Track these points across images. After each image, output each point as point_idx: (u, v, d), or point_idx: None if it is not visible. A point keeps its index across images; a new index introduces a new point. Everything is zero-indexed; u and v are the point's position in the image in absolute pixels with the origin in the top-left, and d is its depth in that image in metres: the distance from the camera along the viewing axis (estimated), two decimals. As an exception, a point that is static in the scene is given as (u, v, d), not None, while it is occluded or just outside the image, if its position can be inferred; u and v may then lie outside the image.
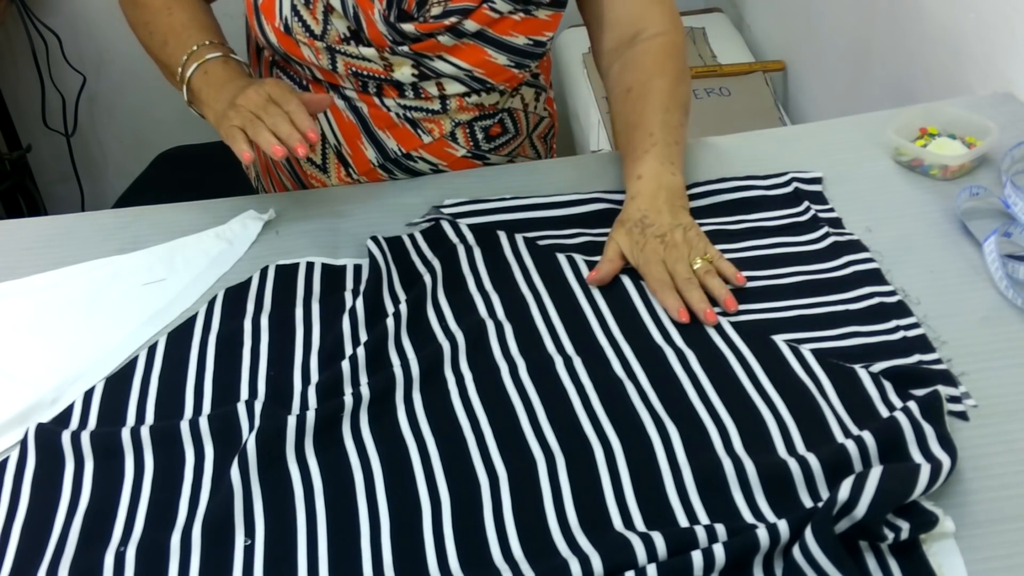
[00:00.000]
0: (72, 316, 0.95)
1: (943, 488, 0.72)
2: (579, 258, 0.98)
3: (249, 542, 0.72)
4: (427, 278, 0.95)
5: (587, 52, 2.00)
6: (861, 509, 0.66)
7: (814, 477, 0.73)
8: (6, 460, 0.80)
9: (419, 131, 1.12)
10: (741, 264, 0.95)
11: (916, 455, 0.74)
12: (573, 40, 2.07)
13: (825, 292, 0.92)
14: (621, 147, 1.09)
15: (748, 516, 0.71)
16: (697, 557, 0.66)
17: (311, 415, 0.80)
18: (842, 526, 0.67)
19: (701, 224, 0.99)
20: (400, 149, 1.13)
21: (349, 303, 0.95)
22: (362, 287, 0.96)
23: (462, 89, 1.10)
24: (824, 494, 0.72)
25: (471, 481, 0.76)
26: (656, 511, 0.72)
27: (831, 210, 1.02)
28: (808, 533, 0.65)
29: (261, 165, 1.26)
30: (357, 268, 1.00)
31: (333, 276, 0.99)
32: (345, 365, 0.86)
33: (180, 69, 1.04)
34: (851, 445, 0.74)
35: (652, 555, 0.67)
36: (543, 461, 0.77)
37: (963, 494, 0.72)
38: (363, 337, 0.90)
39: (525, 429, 0.80)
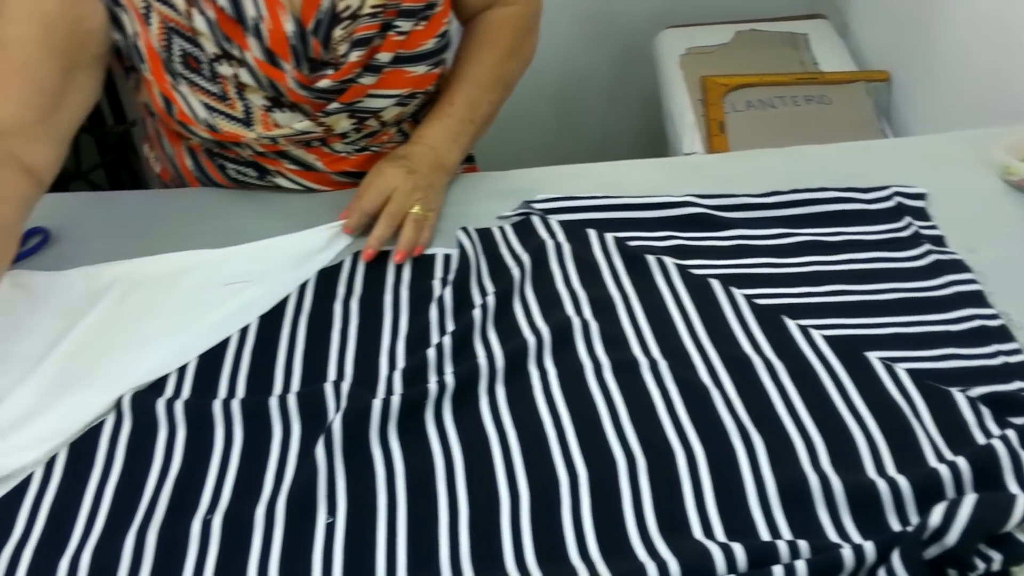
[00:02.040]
0: (154, 309, 0.96)
1: (1039, 521, 0.69)
2: (669, 261, 0.97)
3: (331, 520, 0.74)
4: (515, 272, 0.96)
5: (684, 53, 1.98)
6: (953, 536, 0.64)
7: (903, 500, 0.71)
8: (102, 424, 0.83)
9: (372, 150, 1.13)
10: (837, 277, 0.93)
11: (1012, 485, 0.71)
12: (671, 40, 2.05)
13: (924, 311, 0.89)
14: (431, 106, 1.14)
15: (833, 535, 0.70)
16: (779, 572, 0.65)
17: (396, 400, 0.81)
18: (931, 552, 0.65)
19: (797, 233, 0.98)
20: (362, 172, 1.11)
21: (437, 292, 0.95)
22: (451, 277, 0.97)
23: (398, 110, 1.10)
24: (913, 518, 0.70)
25: (551, 477, 0.76)
26: (737, 522, 0.71)
27: (934, 227, 1.00)
28: (896, 557, 0.64)
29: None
30: (446, 258, 1.01)
31: (423, 264, 1.00)
32: (431, 353, 0.86)
33: None
34: (944, 470, 0.72)
35: (732, 566, 0.66)
36: (624, 462, 0.76)
37: (1060, 528, 0.70)
38: (449, 327, 0.91)
39: (607, 429, 0.79)
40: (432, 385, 0.82)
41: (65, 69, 0.94)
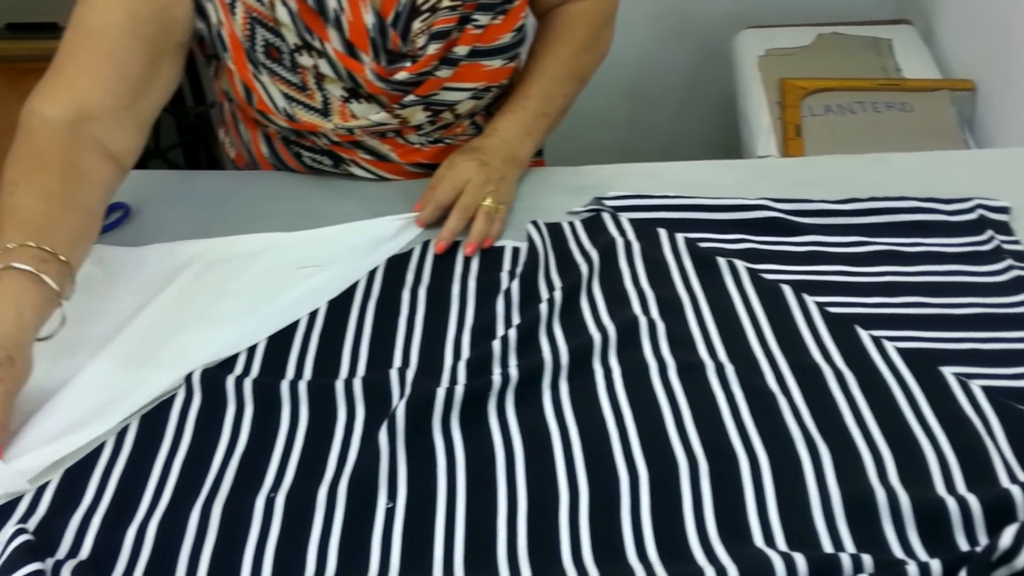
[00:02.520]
0: (227, 289, 0.98)
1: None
2: (740, 264, 0.96)
3: (391, 505, 0.74)
4: (583, 268, 0.95)
5: (763, 55, 1.96)
6: (1023, 559, 0.62)
7: (973, 519, 0.69)
8: (172, 398, 0.85)
9: (446, 142, 1.14)
10: (913, 289, 0.91)
11: (1088, 510, 0.69)
12: (750, 41, 2.03)
13: (1002, 327, 0.87)
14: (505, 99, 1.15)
15: (898, 550, 0.68)
16: (840, 585, 0.64)
17: (459, 390, 0.81)
18: (1000, 574, 0.63)
19: (874, 242, 0.96)
20: (436, 164, 1.11)
21: (504, 284, 0.96)
22: (519, 270, 0.97)
23: (473, 103, 1.10)
24: (982, 538, 0.68)
25: (611, 476, 0.76)
26: (800, 532, 0.70)
27: (1016, 242, 0.97)
28: (963, 577, 0.62)
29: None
30: (515, 251, 1.01)
31: (491, 256, 1.01)
32: (496, 345, 0.87)
33: None
34: (1017, 491, 0.69)
35: (792, 576, 0.65)
36: (685, 465, 0.75)
37: None
38: (515, 319, 0.91)
39: (670, 430, 0.79)
40: (496, 377, 0.82)
41: (150, 56, 0.97)
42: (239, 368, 0.88)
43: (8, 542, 0.70)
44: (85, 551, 0.73)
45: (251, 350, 0.89)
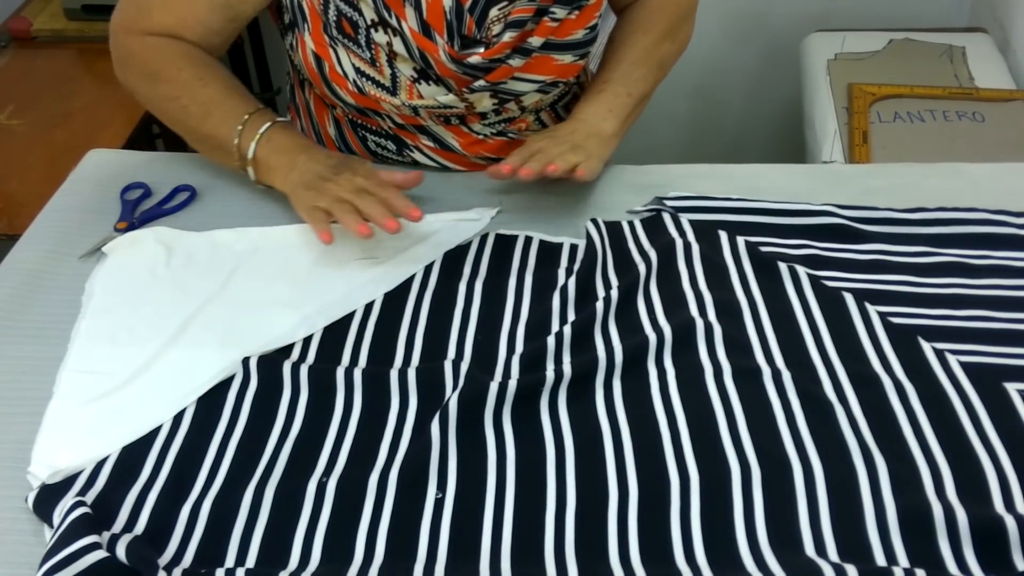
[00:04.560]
0: (285, 277, 0.99)
1: None
2: (801, 270, 0.94)
3: (440, 495, 0.75)
4: (641, 267, 0.95)
5: (833, 59, 1.92)
6: (1084, 584, 0.61)
7: (1033, 540, 0.68)
8: (230, 381, 0.86)
9: (509, 135, 1.14)
10: (979, 303, 0.89)
11: None
12: (820, 44, 1.99)
13: (1071, 346, 0.84)
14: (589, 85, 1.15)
15: (953, 568, 0.67)
16: (893, 600, 0.63)
17: (512, 384, 0.81)
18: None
19: (940, 253, 0.94)
20: (499, 158, 1.12)
21: (561, 281, 0.95)
22: (576, 267, 0.97)
23: (539, 97, 1.10)
24: (1042, 560, 0.67)
25: (662, 478, 0.75)
26: (852, 544, 0.69)
27: (1089, 259, 0.94)
28: (1020, 598, 0.61)
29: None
30: (573, 248, 1.01)
31: (549, 252, 1.00)
32: (550, 341, 0.86)
33: (237, 140, 1.02)
34: (1080, 514, 0.68)
35: (843, 588, 0.64)
36: (738, 470, 0.75)
37: None
38: (571, 316, 0.91)
39: (723, 435, 0.78)
40: (549, 373, 0.82)
41: (231, 16, 1.07)
42: (295, 354, 0.89)
43: (66, 514, 0.72)
44: (140, 526, 0.74)
45: (308, 337, 0.90)
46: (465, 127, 1.12)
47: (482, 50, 1.02)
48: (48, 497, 0.76)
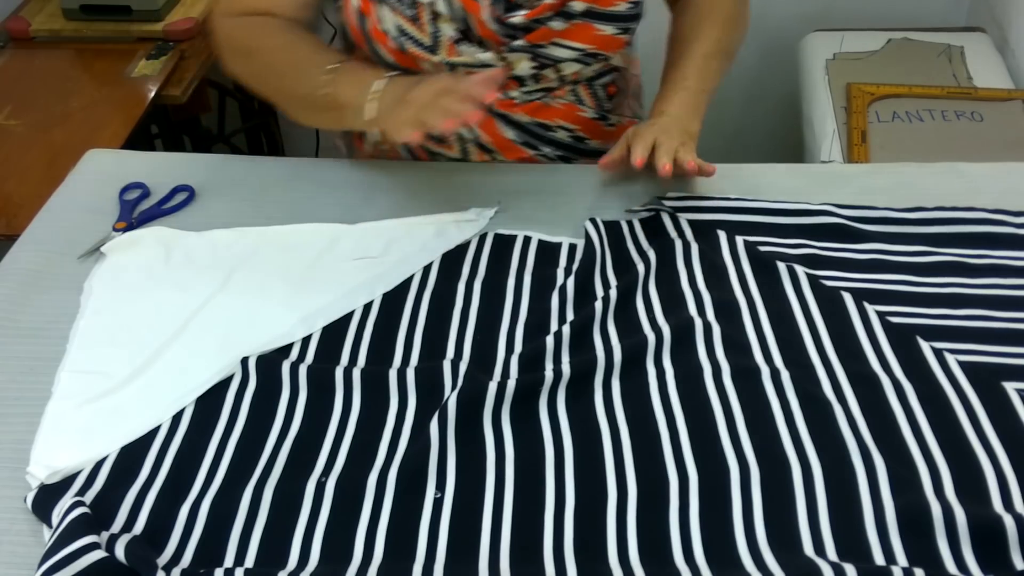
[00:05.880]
0: (284, 277, 0.99)
1: None
2: (800, 270, 0.94)
3: (439, 495, 0.75)
4: (640, 267, 0.95)
5: (831, 58, 1.93)
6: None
7: (1032, 539, 0.68)
8: (228, 381, 0.86)
9: (545, 100, 1.13)
10: (978, 302, 0.89)
11: None
12: (819, 44, 1.99)
13: (1070, 345, 0.85)
14: (661, 82, 1.15)
15: (952, 567, 0.67)
16: (892, 599, 0.63)
17: (511, 384, 0.81)
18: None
19: (939, 252, 0.94)
20: (536, 121, 1.12)
21: (560, 280, 0.95)
22: (575, 266, 0.97)
23: (578, 67, 1.10)
24: (1041, 559, 0.67)
25: (660, 477, 0.75)
26: (851, 543, 0.69)
27: (1088, 258, 0.94)
28: (1019, 597, 0.61)
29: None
30: (572, 247, 1.01)
31: (548, 252, 1.00)
32: (549, 340, 0.87)
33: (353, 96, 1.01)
34: (1079, 513, 0.68)
35: (842, 587, 0.64)
36: (736, 470, 0.75)
37: None
38: (569, 316, 0.91)
39: (722, 434, 0.78)
40: (548, 373, 0.82)
41: None
42: (294, 354, 0.89)
43: (65, 514, 0.72)
44: (139, 526, 0.74)
45: (306, 337, 0.90)
46: (502, 92, 1.11)
47: (525, 11, 1.03)
48: (47, 497, 0.76)
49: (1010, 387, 0.81)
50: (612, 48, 1.10)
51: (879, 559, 0.68)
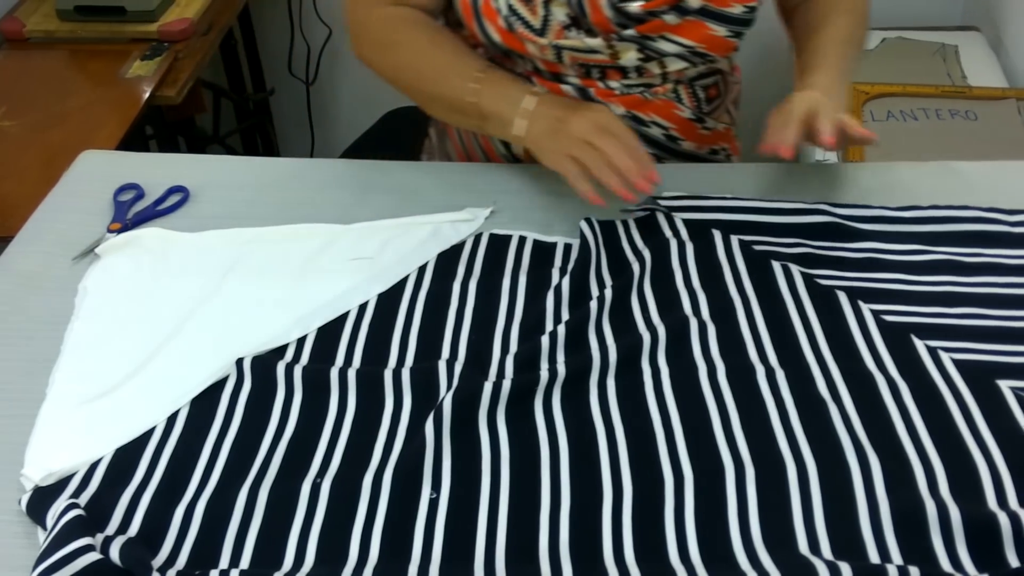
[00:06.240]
0: (279, 277, 0.99)
1: None
2: (795, 269, 0.95)
3: (435, 496, 0.75)
4: (635, 267, 0.95)
5: (826, 58, 1.92)
6: (1077, 580, 0.61)
7: (1025, 537, 0.68)
8: (223, 382, 0.86)
9: (644, 95, 1.13)
10: (972, 300, 0.89)
11: None
12: (812, 44, 2.00)
13: (1064, 343, 0.85)
14: (796, 70, 1.13)
15: (946, 565, 0.67)
16: (887, 597, 0.63)
17: (506, 384, 0.81)
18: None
19: (933, 251, 0.94)
20: (632, 114, 1.12)
21: (555, 280, 0.95)
22: (570, 266, 0.97)
23: (683, 65, 1.10)
24: (1035, 556, 0.67)
25: (656, 476, 0.75)
26: (846, 541, 0.69)
27: (1082, 256, 0.95)
28: (1013, 595, 0.61)
29: (457, 133, 1.27)
30: (567, 247, 1.01)
31: (543, 252, 1.00)
32: (544, 340, 0.87)
33: (475, 100, 1.05)
34: (1073, 510, 0.68)
35: (837, 585, 0.64)
36: (732, 469, 0.75)
37: None
38: (565, 316, 0.91)
39: (717, 434, 0.78)
40: (543, 372, 0.82)
41: None
42: (289, 355, 0.89)
43: (60, 516, 0.72)
44: (134, 528, 0.74)
45: (301, 338, 0.90)
46: (603, 82, 1.11)
47: (642, 1, 1.03)
48: (41, 499, 0.76)
49: (1004, 385, 0.81)
50: (721, 50, 1.09)
51: (874, 557, 0.68)
